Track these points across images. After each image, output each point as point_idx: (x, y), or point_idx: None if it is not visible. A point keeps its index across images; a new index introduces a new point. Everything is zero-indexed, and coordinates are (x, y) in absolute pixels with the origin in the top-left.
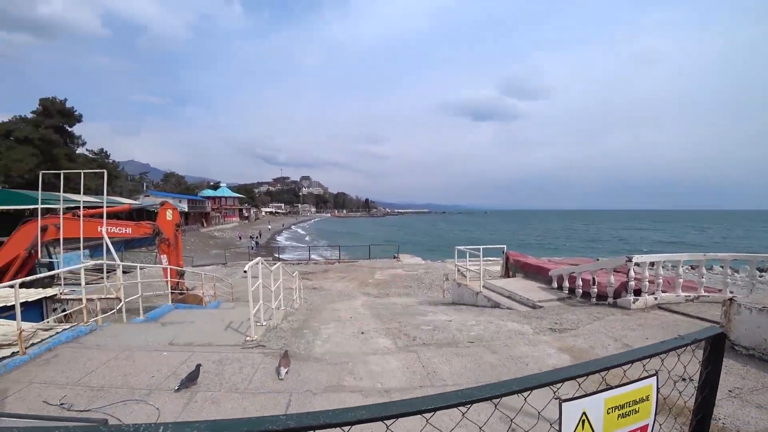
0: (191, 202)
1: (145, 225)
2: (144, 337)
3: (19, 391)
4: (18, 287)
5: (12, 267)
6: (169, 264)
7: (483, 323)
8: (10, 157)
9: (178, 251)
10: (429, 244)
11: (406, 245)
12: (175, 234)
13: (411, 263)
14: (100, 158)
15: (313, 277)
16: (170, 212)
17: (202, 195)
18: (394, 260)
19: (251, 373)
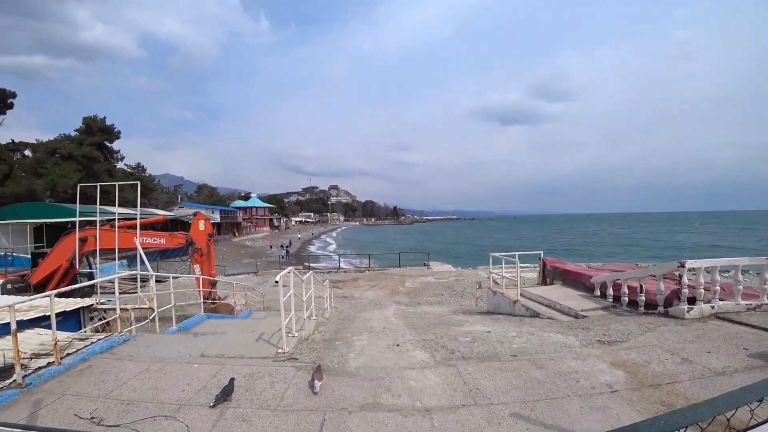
0: (223, 213)
1: (179, 235)
2: (176, 348)
3: (52, 402)
4: (53, 297)
5: (55, 277)
6: (201, 273)
7: (524, 335)
8: (56, 173)
9: (211, 261)
10: (459, 251)
11: (435, 253)
12: (207, 244)
13: (441, 271)
14: (137, 172)
15: (343, 285)
16: (203, 222)
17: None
18: (425, 268)
19: (283, 388)
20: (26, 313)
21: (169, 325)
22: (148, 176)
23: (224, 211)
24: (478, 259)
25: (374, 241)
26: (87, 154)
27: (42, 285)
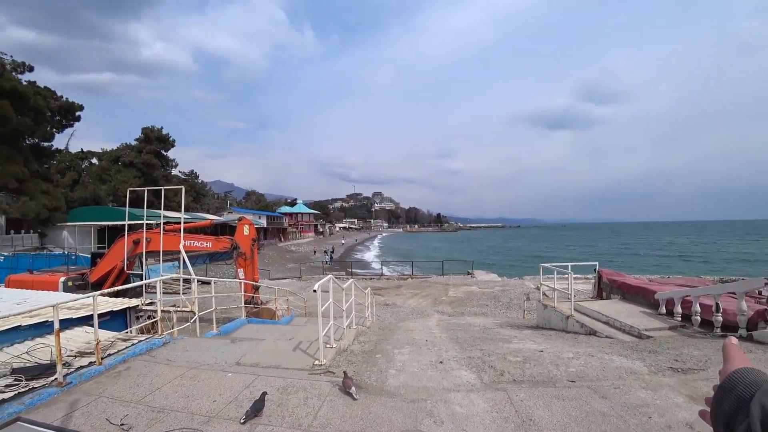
0: (270, 218)
1: (224, 239)
2: (213, 353)
3: (87, 404)
4: (97, 298)
5: (110, 276)
6: (245, 277)
7: (582, 356)
8: (117, 179)
9: (254, 265)
10: (504, 260)
11: (480, 261)
12: (251, 248)
13: (486, 280)
14: (190, 179)
15: (385, 293)
16: (247, 227)
17: (279, 211)
18: (468, 277)
19: (317, 405)
20: (77, 311)
21: (210, 328)
22: (200, 183)
23: (271, 216)
24: (525, 269)
25: (417, 248)
26: (146, 161)
27: (99, 284)
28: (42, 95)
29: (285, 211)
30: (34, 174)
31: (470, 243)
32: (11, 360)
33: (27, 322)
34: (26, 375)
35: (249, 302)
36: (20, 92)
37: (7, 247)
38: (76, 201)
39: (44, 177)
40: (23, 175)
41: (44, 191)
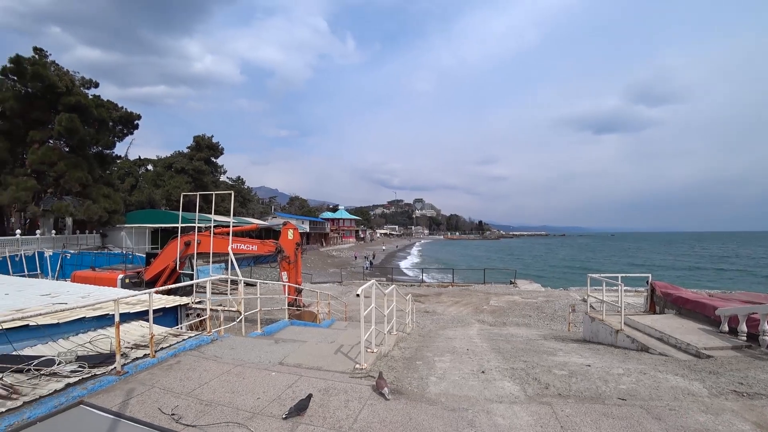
0: (312, 224)
1: (269, 243)
2: (257, 353)
3: (141, 394)
4: (152, 295)
5: (163, 275)
6: (288, 281)
7: (633, 373)
8: (171, 184)
9: (298, 269)
10: (548, 269)
11: (523, 270)
12: (295, 252)
13: (529, 290)
14: (237, 184)
15: (425, 300)
16: (291, 232)
17: (322, 217)
18: (511, 286)
19: (358, 408)
20: (133, 307)
21: (254, 328)
22: (246, 188)
23: (313, 221)
24: (570, 280)
25: (458, 255)
26: (196, 167)
27: (153, 282)
28: (105, 107)
29: (327, 216)
30: (97, 179)
31: (512, 251)
32: (76, 348)
33: (91, 314)
34: (89, 363)
35: (292, 305)
36: (86, 105)
37: (72, 246)
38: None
39: (106, 182)
40: (88, 180)
41: (106, 195)
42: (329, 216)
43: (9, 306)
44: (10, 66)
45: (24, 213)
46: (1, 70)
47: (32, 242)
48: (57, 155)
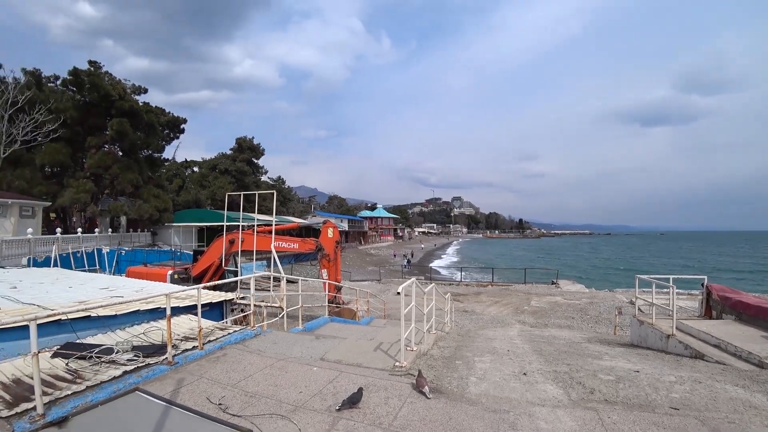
0: (351, 222)
1: (310, 241)
2: (299, 348)
3: (191, 383)
4: (201, 290)
5: (209, 272)
6: (328, 278)
7: (687, 381)
8: (215, 185)
9: (337, 267)
10: (592, 270)
11: (565, 270)
12: (335, 250)
13: (572, 291)
14: (277, 184)
15: (464, 299)
16: (331, 230)
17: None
18: (553, 287)
19: (397, 406)
20: (182, 301)
21: (295, 323)
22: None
23: (352, 220)
24: (616, 281)
25: (497, 254)
26: (239, 168)
27: (199, 278)
28: (154, 113)
29: (365, 215)
30: (148, 181)
31: (554, 251)
32: (131, 338)
33: (144, 307)
34: (143, 352)
35: (332, 302)
36: (137, 111)
37: (126, 243)
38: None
39: (156, 183)
40: (139, 182)
41: (155, 195)
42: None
43: (73, 298)
44: (70, 78)
45: (84, 213)
46: (62, 82)
47: (91, 240)
48: (112, 159)
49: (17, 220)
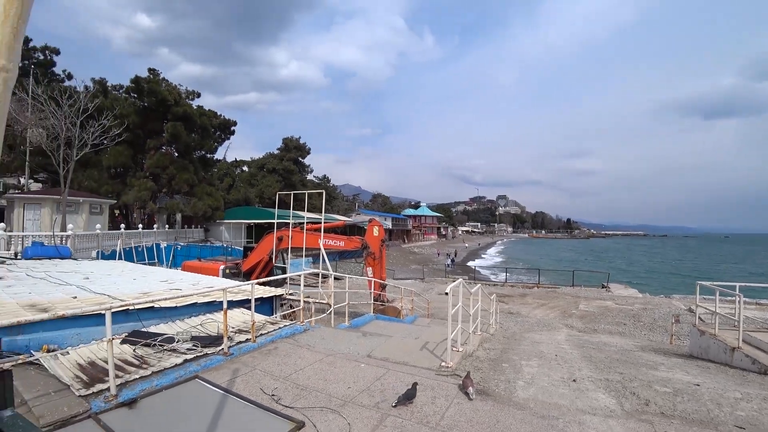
0: (394, 220)
1: (356, 239)
2: (346, 344)
3: (245, 374)
4: (254, 286)
5: (258, 267)
6: (373, 276)
7: (755, 399)
8: (263, 183)
9: (382, 265)
10: (646, 274)
11: (616, 273)
12: (380, 248)
13: (624, 295)
14: (323, 182)
15: (509, 301)
16: (376, 228)
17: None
18: (603, 290)
19: (444, 406)
20: (236, 295)
21: (342, 320)
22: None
23: (395, 218)
24: (673, 287)
25: (544, 255)
26: (286, 167)
27: (249, 273)
28: (206, 116)
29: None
30: (201, 180)
31: (605, 252)
32: (190, 329)
33: (201, 300)
34: (201, 343)
35: (376, 299)
36: (191, 114)
37: (182, 239)
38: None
39: (208, 182)
40: (193, 181)
41: (208, 194)
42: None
43: (137, 289)
44: (131, 85)
45: (144, 210)
46: (125, 89)
47: (150, 235)
48: (168, 160)
49: (87, 217)
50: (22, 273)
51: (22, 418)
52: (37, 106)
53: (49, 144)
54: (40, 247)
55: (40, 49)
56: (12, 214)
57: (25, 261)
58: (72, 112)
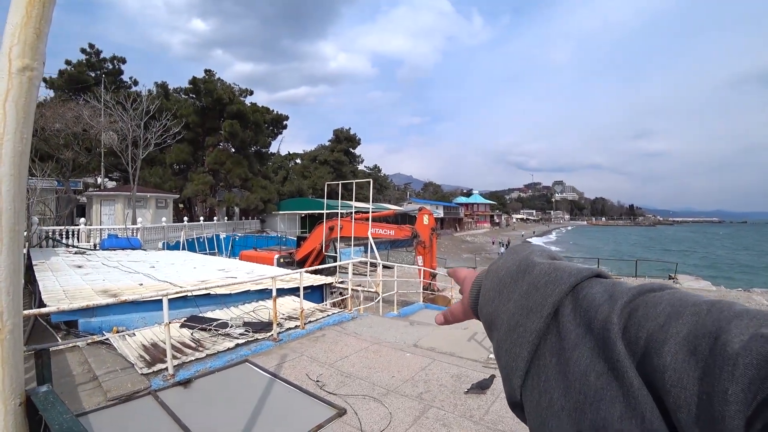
0: (446, 209)
1: (406, 228)
2: (393, 333)
3: (292, 360)
4: (303, 274)
5: (311, 257)
6: (423, 265)
7: None
8: (315, 175)
9: (433, 253)
10: (721, 264)
11: (686, 264)
12: (430, 237)
13: (695, 287)
14: (373, 172)
15: None
16: (427, 217)
17: (455, 202)
18: (670, 282)
19: (490, 400)
20: (287, 283)
21: (391, 308)
22: (382, 176)
23: (447, 207)
24: (752, 279)
25: (604, 243)
26: (337, 159)
27: (302, 262)
28: (260, 112)
29: (461, 201)
30: (256, 174)
31: (673, 241)
32: (242, 315)
33: (254, 288)
34: (252, 328)
35: (426, 288)
36: (245, 112)
37: (239, 230)
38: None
39: (263, 175)
40: (248, 175)
41: (263, 187)
42: (463, 201)
43: (196, 277)
44: (189, 87)
45: (204, 203)
46: (184, 91)
47: (210, 227)
48: (225, 156)
49: (154, 211)
50: (99, 262)
51: (55, 395)
52: (107, 111)
53: (118, 145)
54: (115, 239)
55: (109, 59)
56: (91, 209)
57: (102, 251)
58: (137, 114)
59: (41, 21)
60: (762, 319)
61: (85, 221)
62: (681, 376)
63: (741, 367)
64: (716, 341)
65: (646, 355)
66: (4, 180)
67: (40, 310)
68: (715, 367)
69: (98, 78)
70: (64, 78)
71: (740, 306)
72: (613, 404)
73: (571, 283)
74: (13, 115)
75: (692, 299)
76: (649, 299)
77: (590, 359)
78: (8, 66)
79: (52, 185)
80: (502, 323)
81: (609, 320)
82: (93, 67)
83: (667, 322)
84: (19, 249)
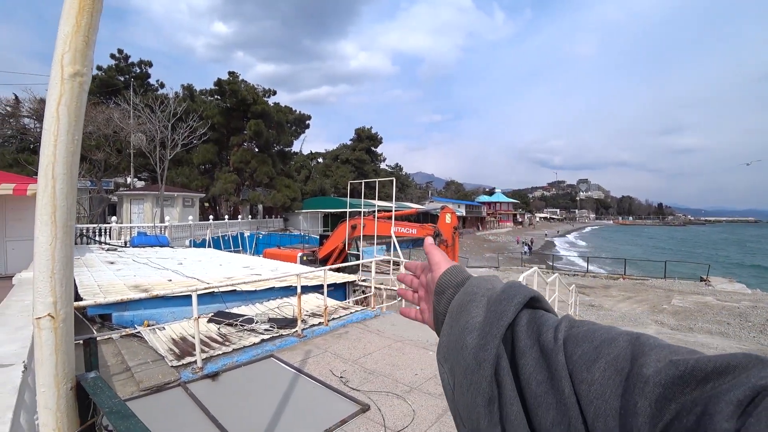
0: (468, 207)
1: (428, 227)
2: (416, 331)
3: (316, 355)
4: (326, 272)
5: (333, 255)
6: None
7: None
8: (337, 174)
9: (455, 252)
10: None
11: (719, 265)
12: (452, 236)
13: (728, 290)
14: (395, 171)
15: (590, 292)
16: (449, 216)
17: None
18: (701, 284)
19: None
20: (310, 281)
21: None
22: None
23: (469, 205)
24: None
25: (631, 243)
26: (358, 157)
27: (325, 260)
28: (283, 112)
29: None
30: (279, 172)
31: (705, 241)
32: (267, 311)
33: (278, 285)
34: (277, 324)
35: None
36: (268, 112)
37: (263, 228)
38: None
39: (286, 174)
40: (272, 174)
41: (286, 185)
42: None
43: (223, 274)
44: (214, 88)
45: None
46: (209, 92)
47: (235, 225)
48: (250, 155)
49: (181, 209)
50: (130, 259)
51: (102, 381)
52: (136, 113)
53: (147, 146)
54: (144, 237)
55: (137, 63)
56: (122, 208)
57: (132, 248)
58: (164, 116)
59: (89, 30)
60: (675, 350)
61: (116, 219)
62: (605, 390)
63: (651, 385)
64: (636, 363)
65: (577, 371)
66: (58, 179)
67: (80, 303)
68: (630, 384)
69: (127, 82)
70: (96, 83)
71: (662, 340)
72: (548, 411)
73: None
74: (65, 118)
75: (623, 331)
76: (587, 328)
77: (533, 368)
78: (60, 72)
79: (86, 185)
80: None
81: (555, 337)
82: (122, 72)
83: (601, 344)
84: (71, 243)
